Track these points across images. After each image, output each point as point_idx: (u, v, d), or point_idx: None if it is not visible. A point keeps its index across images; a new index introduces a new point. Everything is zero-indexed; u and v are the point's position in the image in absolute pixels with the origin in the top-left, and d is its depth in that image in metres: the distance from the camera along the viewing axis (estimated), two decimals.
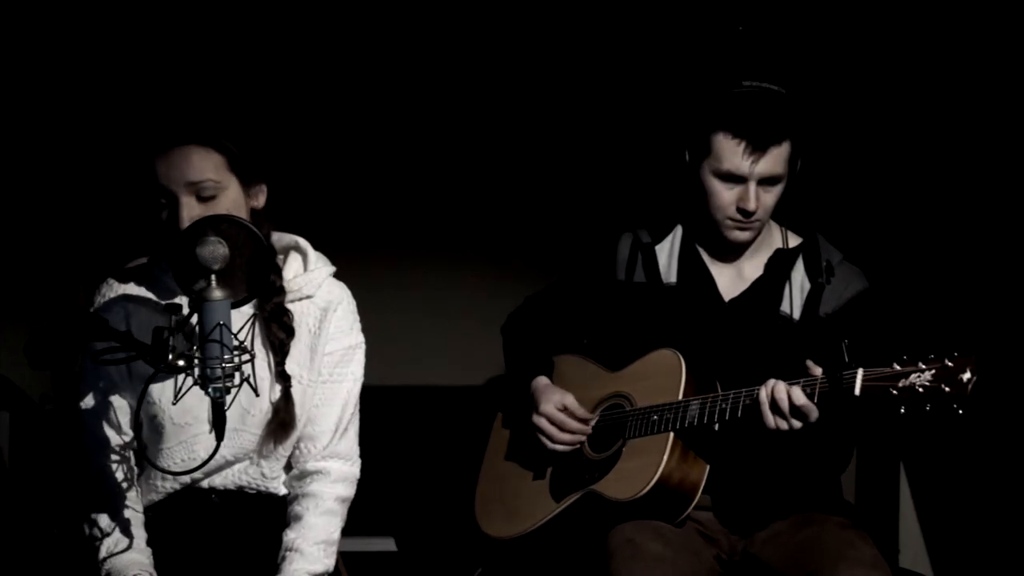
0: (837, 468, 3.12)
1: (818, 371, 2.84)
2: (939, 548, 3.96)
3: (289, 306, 2.84)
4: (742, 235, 3.06)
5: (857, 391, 2.76)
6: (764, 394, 2.85)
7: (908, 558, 3.96)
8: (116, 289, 2.83)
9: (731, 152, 2.99)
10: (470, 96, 4.06)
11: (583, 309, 3.24)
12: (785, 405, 2.82)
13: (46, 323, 2.66)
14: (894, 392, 2.72)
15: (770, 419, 2.84)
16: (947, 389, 2.67)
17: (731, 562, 3.04)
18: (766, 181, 3.01)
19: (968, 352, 2.69)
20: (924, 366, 2.71)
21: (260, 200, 2.83)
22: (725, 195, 3.02)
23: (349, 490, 2.89)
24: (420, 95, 4.05)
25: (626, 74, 4.05)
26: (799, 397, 2.81)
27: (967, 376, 2.67)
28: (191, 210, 2.71)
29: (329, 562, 2.84)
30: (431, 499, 3.97)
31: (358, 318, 2.93)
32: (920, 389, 2.69)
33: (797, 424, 2.83)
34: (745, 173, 2.99)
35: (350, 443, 2.90)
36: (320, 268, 2.89)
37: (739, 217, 3.03)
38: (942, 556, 3.95)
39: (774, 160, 2.99)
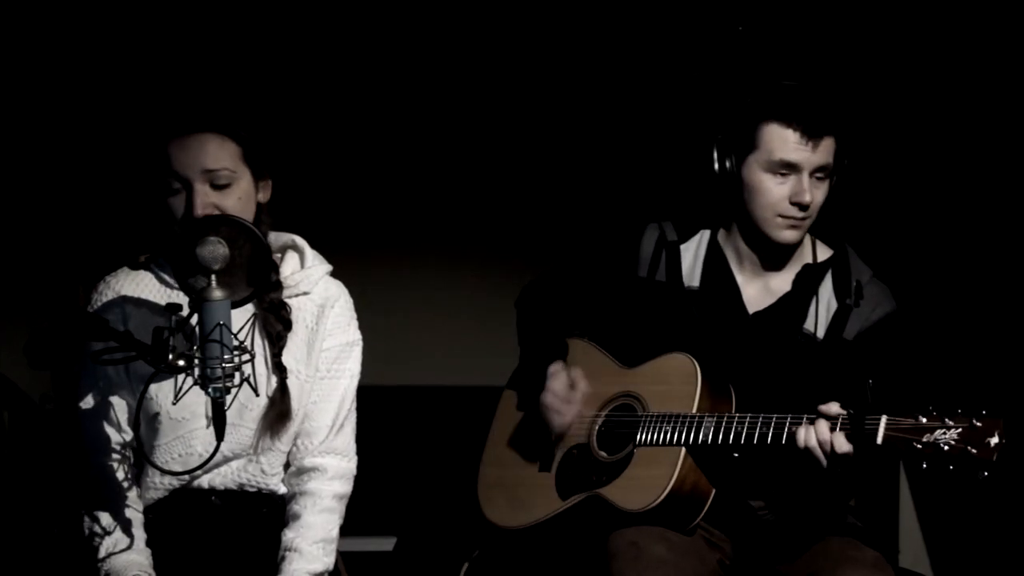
0: (849, 497, 3.10)
1: (834, 408, 2.77)
2: (939, 548, 3.96)
3: (286, 301, 2.85)
4: (792, 234, 2.97)
5: (879, 440, 2.69)
6: (803, 438, 2.77)
7: (908, 558, 3.96)
8: (113, 289, 2.84)
9: (783, 142, 2.92)
10: (472, 95, 4.06)
11: (600, 299, 3.17)
12: (827, 449, 2.76)
13: (46, 323, 2.66)
14: (917, 446, 2.65)
15: (822, 460, 2.78)
16: (973, 451, 2.60)
17: (734, 566, 3.03)
18: (819, 172, 2.93)
19: (997, 413, 2.62)
20: (951, 423, 2.63)
21: (266, 195, 2.85)
22: (776, 191, 2.94)
23: (346, 487, 2.89)
24: (421, 94, 4.05)
25: (633, 71, 4.05)
26: (842, 445, 2.75)
27: (995, 440, 2.60)
28: (206, 196, 2.73)
29: (328, 560, 2.84)
30: (431, 499, 3.97)
31: (355, 316, 2.94)
32: (944, 448, 2.62)
33: (833, 465, 2.78)
34: (799, 162, 2.91)
35: (346, 439, 2.91)
36: (317, 266, 2.90)
37: (792, 212, 2.94)
38: (942, 556, 3.95)
39: (826, 150, 2.92)
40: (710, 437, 2.91)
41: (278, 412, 2.81)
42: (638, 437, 3.00)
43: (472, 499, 3.23)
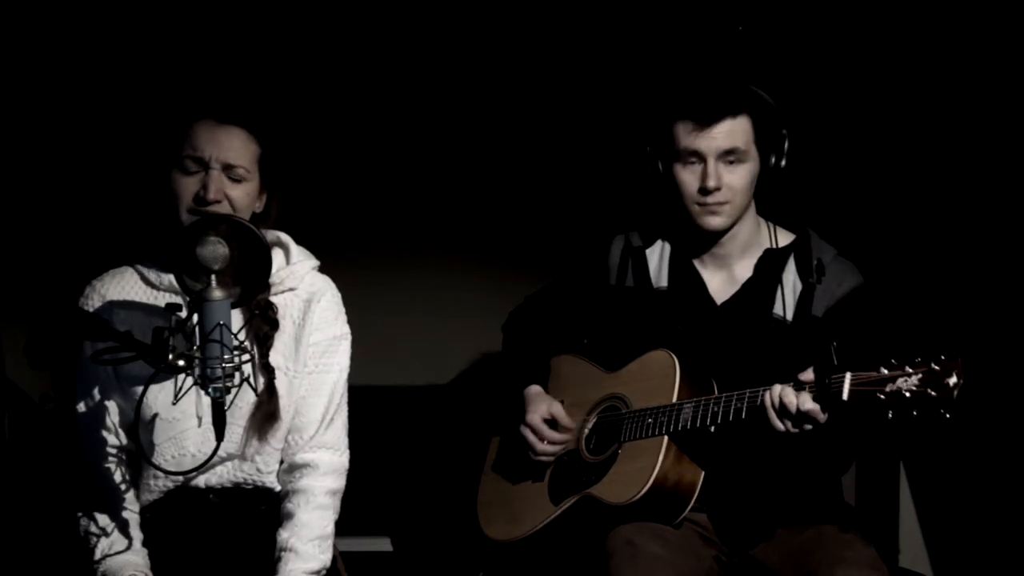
0: (836, 471, 3.11)
1: (808, 375, 2.83)
2: (939, 548, 3.96)
3: (273, 299, 2.85)
4: (712, 220, 3.04)
5: (845, 396, 2.75)
6: (769, 399, 2.84)
7: (908, 558, 3.96)
8: (99, 292, 2.85)
9: (684, 133, 3.02)
10: (467, 95, 4.06)
11: (578, 312, 3.24)
12: (793, 409, 2.81)
13: (46, 323, 2.66)
14: (881, 397, 2.71)
15: (778, 424, 2.83)
16: (933, 393, 2.66)
17: (730, 563, 3.03)
18: (726, 156, 3.01)
19: (954, 355, 2.68)
20: (911, 370, 2.70)
21: (259, 206, 2.87)
22: (688, 180, 3.03)
23: (339, 481, 2.90)
24: (416, 95, 4.04)
25: (622, 75, 4.05)
26: (806, 402, 2.80)
27: (953, 380, 2.65)
28: (220, 183, 2.77)
29: (325, 557, 2.84)
30: (431, 499, 3.97)
31: (343, 309, 2.95)
32: (907, 394, 2.68)
33: (807, 427, 2.82)
34: (700, 148, 3.00)
35: (337, 433, 2.91)
36: (302, 261, 2.91)
37: (703, 199, 3.02)
38: (942, 556, 3.95)
39: (728, 134, 3.00)
40: (689, 422, 2.94)
41: (265, 413, 2.81)
42: (623, 434, 3.04)
43: (472, 516, 3.25)
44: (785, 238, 3.14)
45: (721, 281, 3.12)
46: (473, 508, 3.28)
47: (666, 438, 2.97)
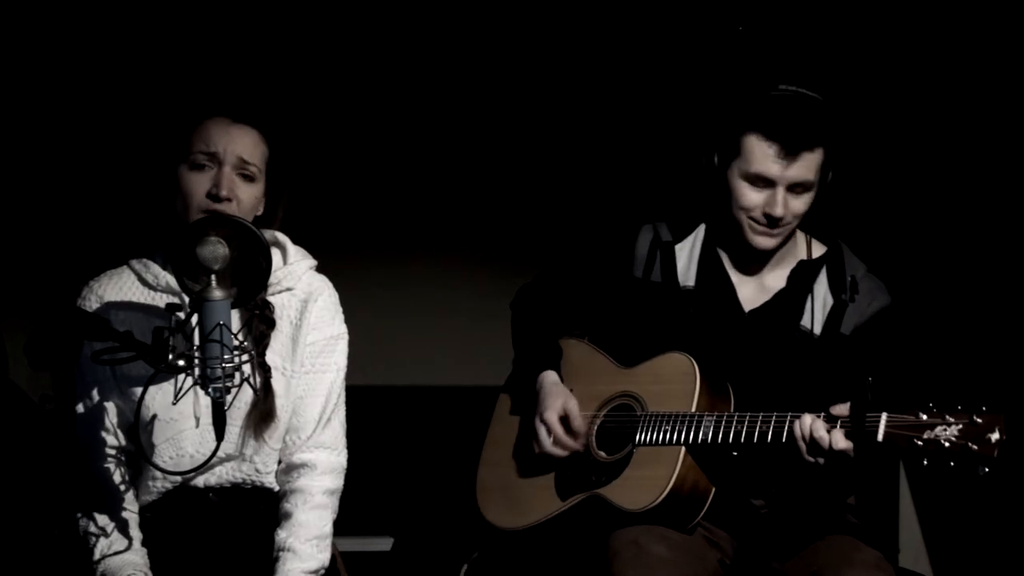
0: (850, 493, 3.10)
1: (844, 410, 2.77)
2: (939, 548, 3.96)
3: (270, 299, 2.85)
4: (766, 241, 3.00)
5: (880, 437, 2.70)
6: (799, 430, 2.79)
7: (908, 558, 3.96)
8: (96, 294, 2.84)
9: (762, 155, 2.94)
10: (467, 95, 4.06)
11: (596, 300, 3.17)
12: (825, 446, 2.77)
13: (46, 323, 2.66)
14: (918, 443, 2.66)
15: (808, 457, 2.80)
16: (974, 447, 2.61)
17: (735, 566, 3.03)
18: (795, 187, 2.95)
19: (997, 408, 2.63)
20: (951, 419, 2.64)
21: (260, 210, 2.86)
22: (751, 198, 2.96)
23: (337, 481, 2.90)
24: (414, 96, 4.05)
25: (634, 69, 4.05)
26: (839, 441, 2.76)
27: (995, 436, 2.60)
28: (231, 180, 2.76)
29: (323, 557, 2.84)
30: (430, 498, 3.97)
31: (340, 309, 2.94)
32: (945, 444, 2.63)
33: (832, 462, 2.79)
34: (774, 177, 2.94)
35: (335, 432, 2.91)
36: (300, 261, 2.91)
37: (764, 222, 2.97)
38: (942, 556, 3.95)
39: (805, 166, 2.94)
40: (709, 436, 2.91)
41: (261, 413, 2.81)
42: (637, 437, 3.01)
43: (471, 500, 3.23)
44: (818, 249, 3.09)
45: (752, 289, 3.07)
46: (472, 489, 3.24)
47: (683, 449, 2.94)
